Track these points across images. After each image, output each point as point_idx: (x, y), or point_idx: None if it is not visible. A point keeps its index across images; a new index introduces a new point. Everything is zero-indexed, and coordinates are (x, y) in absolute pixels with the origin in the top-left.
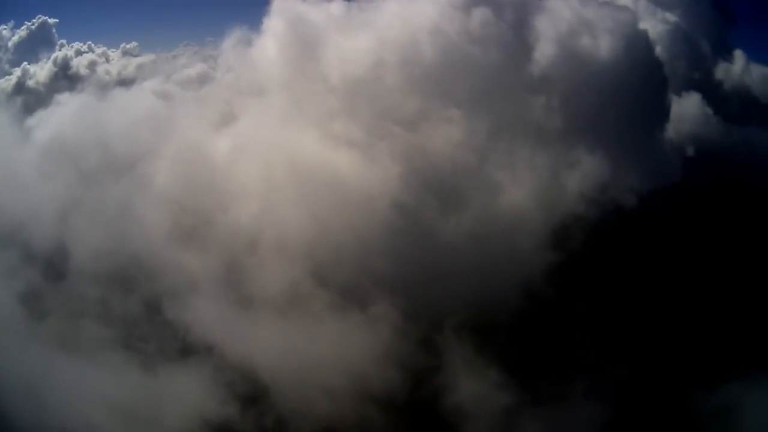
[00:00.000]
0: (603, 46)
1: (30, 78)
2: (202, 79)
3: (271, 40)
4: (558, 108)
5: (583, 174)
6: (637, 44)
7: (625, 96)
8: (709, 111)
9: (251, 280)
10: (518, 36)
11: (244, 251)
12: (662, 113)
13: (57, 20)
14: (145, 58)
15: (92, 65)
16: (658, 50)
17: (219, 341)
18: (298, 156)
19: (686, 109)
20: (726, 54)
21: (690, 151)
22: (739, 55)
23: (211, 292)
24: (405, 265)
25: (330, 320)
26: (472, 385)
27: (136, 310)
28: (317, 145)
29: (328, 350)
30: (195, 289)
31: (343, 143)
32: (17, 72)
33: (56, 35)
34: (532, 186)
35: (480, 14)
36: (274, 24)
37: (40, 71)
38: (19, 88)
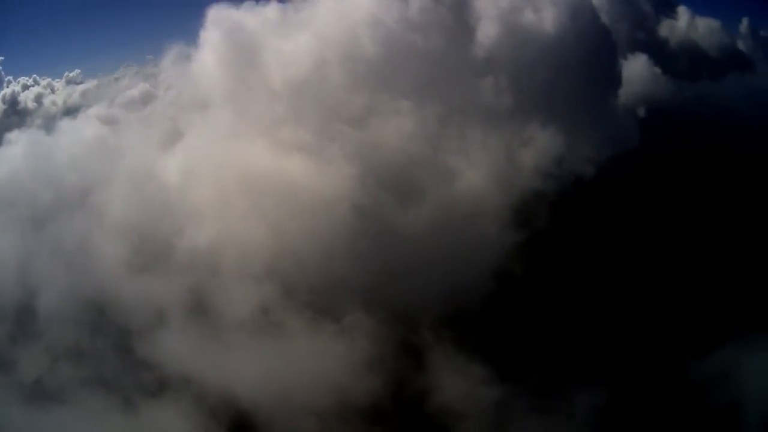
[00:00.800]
0: (547, 18)
1: None
2: (146, 99)
3: (209, 52)
4: (507, 87)
5: (539, 149)
6: (582, 12)
7: (574, 66)
8: (657, 70)
9: (219, 303)
10: (459, 19)
11: (208, 274)
12: (614, 80)
13: (2, 58)
14: (89, 84)
15: (39, 98)
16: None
17: (196, 371)
18: (249, 168)
19: (633, 71)
20: (669, 11)
21: (641, 112)
22: (683, 11)
23: (181, 321)
24: (372, 267)
25: (305, 336)
26: (457, 382)
27: (109, 349)
28: (268, 154)
29: (307, 367)
30: (164, 320)
31: (294, 149)
32: None
33: (2, 72)
34: (488, 168)
35: (418, 1)
36: (211, 35)
37: None
38: None
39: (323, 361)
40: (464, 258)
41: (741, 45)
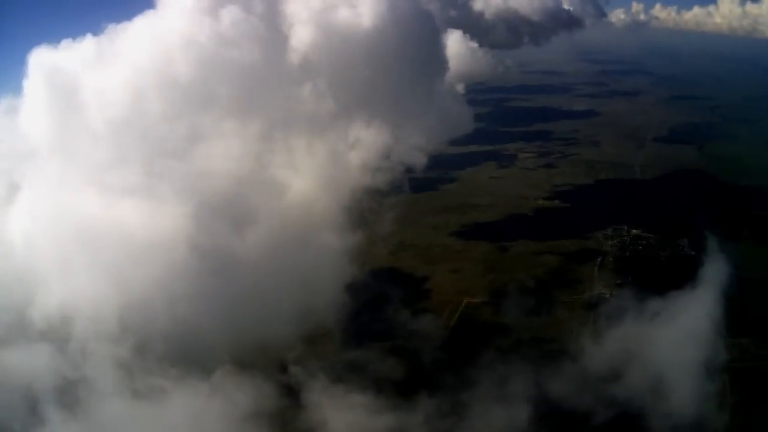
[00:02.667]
0: (364, 11)
1: None
2: None
3: (33, 99)
4: (327, 90)
5: (366, 147)
6: (401, 1)
7: (398, 56)
8: (474, 45)
9: (83, 374)
10: (272, 27)
11: (64, 342)
12: (440, 65)
13: None
14: None
15: None
16: None
17: None
18: (85, 219)
19: (450, 49)
20: None
21: (461, 89)
22: None
23: (46, 396)
24: (223, 309)
25: (178, 398)
26: (341, 415)
27: None
28: (100, 202)
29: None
30: (29, 397)
31: (125, 193)
32: None
33: None
34: (318, 175)
35: (229, 14)
36: (33, 82)
37: None
38: None
39: (202, 424)
40: (310, 273)
41: (568, 4)
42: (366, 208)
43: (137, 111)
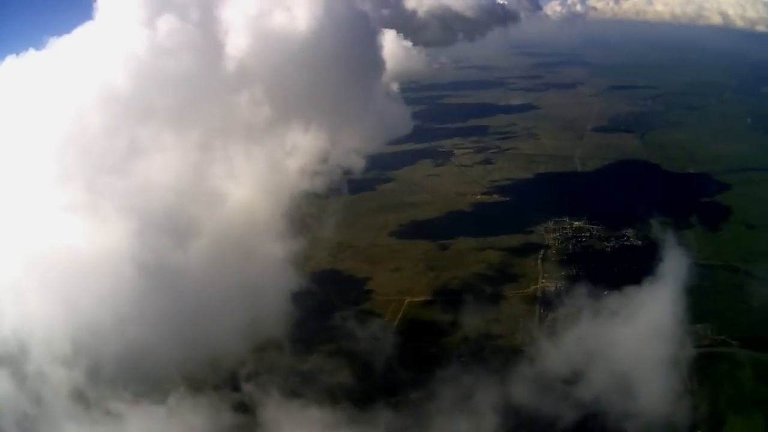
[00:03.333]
0: (300, 15)
1: None
2: None
3: None
4: (264, 97)
5: (303, 152)
6: (338, 1)
7: (334, 59)
8: (408, 44)
9: (39, 399)
10: (208, 35)
11: (19, 366)
12: (377, 66)
13: None
14: None
15: None
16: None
17: None
18: (32, 240)
19: (384, 49)
20: None
21: (395, 88)
22: None
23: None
24: (172, 328)
25: (133, 421)
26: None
27: None
28: (46, 222)
29: None
30: None
31: (70, 212)
32: None
33: None
34: (257, 183)
35: (165, 23)
36: None
37: None
38: None
39: None
40: (254, 283)
41: None
42: (305, 213)
43: (78, 126)
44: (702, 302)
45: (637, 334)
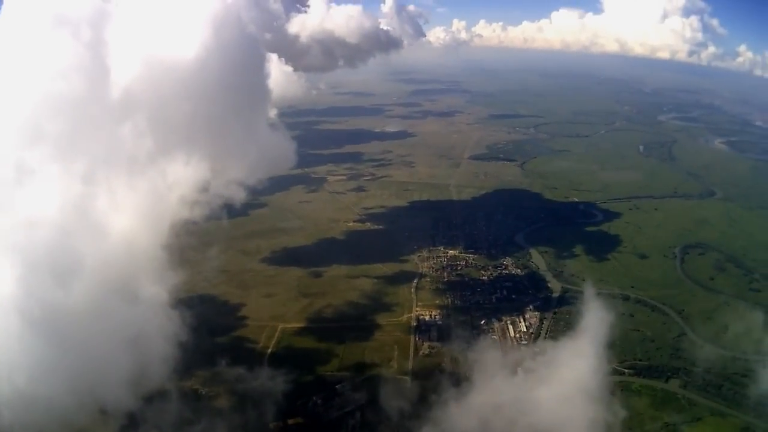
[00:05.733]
0: (189, 42)
1: None
2: None
3: None
4: (147, 128)
5: (184, 182)
6: (227, 27)
7: (221, 89)
8: (289, 68)
9: None
10: (96, 57)
11: None
12: (263, 96)
13: None
14: None
15: None
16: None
17: None
18: None
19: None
20: (301, 5)
21: (275, 114)
22: (319, 3)
23: None
24: (60, 371)
25: None
26: None
27: None
28: None
29: None
30: None
31: None
32: None
33: None
34: (139, 213)
35: (58, 40)
36: None
37: None
38: None
39: None
40: (137, 323)
41: (386, 24)
42: (184, 242)
43: None
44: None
45: (514, 368)
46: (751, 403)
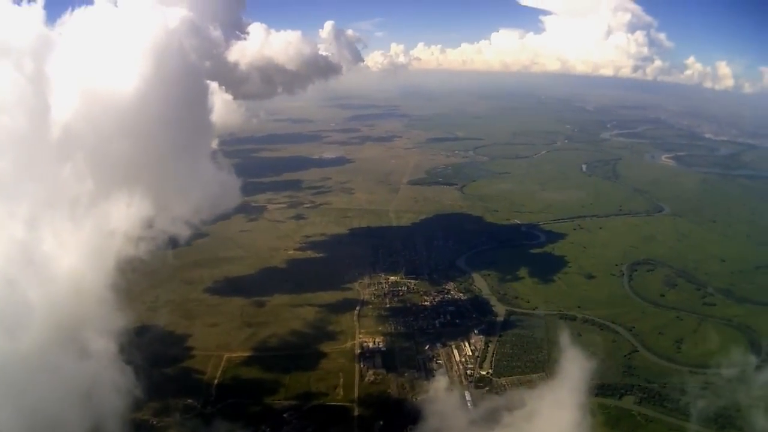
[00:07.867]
0: (130, 74)
1: None
2: None
3: None
4: (88, 169)
5: (128, 218)
6: (169, 59)
7: (163, 125)
8: (228, 96)
9: None
10: (38, 93)
11: None
12: (205, 129)
13: None
14: None
15: None
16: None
17: None
18: None
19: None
20: (240, 32)
21: (214, 144)
22: (257, 29)
23: None
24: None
25: None
26: None
27: None
28: None
29: None
30: None
31: None
32: None
33: None
34: (83, 252)
35: (3, 72)
36: None
37: None
38: None
39: None
40: (87, 372)
41: (325, 49)
42: (129, 277)
43: None
44: (531, 352)
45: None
46: (711, 416)
